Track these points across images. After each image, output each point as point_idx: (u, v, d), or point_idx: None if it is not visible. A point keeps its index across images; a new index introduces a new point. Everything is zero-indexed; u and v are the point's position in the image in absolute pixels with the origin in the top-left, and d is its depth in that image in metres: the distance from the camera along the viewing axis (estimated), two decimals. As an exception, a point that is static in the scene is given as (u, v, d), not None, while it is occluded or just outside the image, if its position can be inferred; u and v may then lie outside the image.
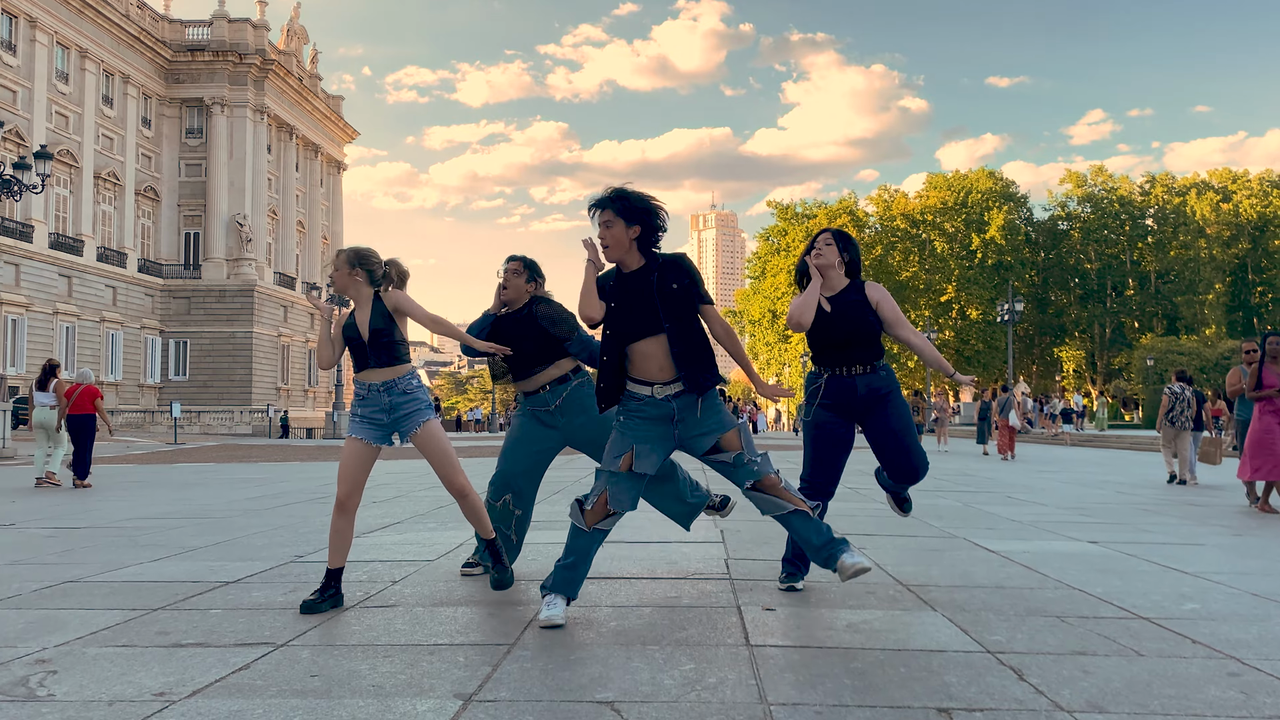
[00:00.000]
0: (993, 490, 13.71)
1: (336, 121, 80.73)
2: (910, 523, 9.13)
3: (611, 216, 4.67)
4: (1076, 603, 5.23)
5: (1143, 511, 10.79)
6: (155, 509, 10.84)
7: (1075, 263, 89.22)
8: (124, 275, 61.08)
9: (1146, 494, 13.48)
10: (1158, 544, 7.88)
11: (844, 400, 5.38)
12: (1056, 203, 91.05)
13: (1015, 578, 6.05)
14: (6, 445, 25.06)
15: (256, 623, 4.68)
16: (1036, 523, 9.37)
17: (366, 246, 5.38)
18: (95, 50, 58.52)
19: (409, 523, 9.15)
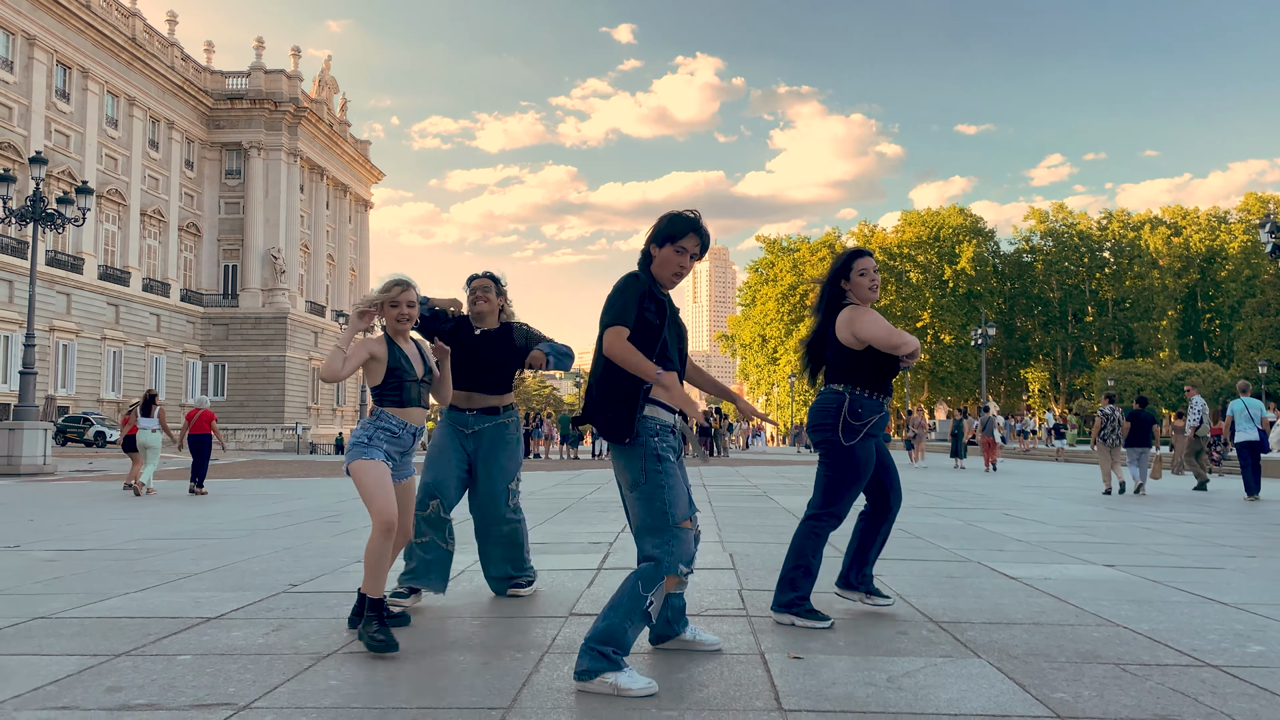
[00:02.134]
0: (987, 507, 12.78)
1: (364, 164, 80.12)
2: (919, 544, 8.22)
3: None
4: (1128, 644, 4.33)
5: (1144, 530, 9.88)
6: (168, 527, 9.93)
7: (1039, 291, 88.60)
8: (167, 304, 60.28)
9: (1139, 511, 12.56)
10: (1177, 568, 6.97)
11: (881, 428, 4.74)
12: (1021, 237, 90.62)
13: (1049, 611, 5.14)
14: (47, 461, 24.16)
15: (223, 674, 3.77)
16: (1044, 543, 8.46)
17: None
18: (143, 99, 57.93)
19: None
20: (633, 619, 3.51)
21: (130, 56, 56.25)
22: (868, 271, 4.72)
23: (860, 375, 4.63)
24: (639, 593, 3.52)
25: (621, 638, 3.48)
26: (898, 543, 8.31)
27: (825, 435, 4.66)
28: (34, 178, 25.00)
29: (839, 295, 4.79)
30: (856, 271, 4.72)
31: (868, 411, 4.62)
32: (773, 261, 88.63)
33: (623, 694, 3.34)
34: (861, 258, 4.76)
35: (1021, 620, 4.88)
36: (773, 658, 3.99)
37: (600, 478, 20.50)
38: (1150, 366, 71.35)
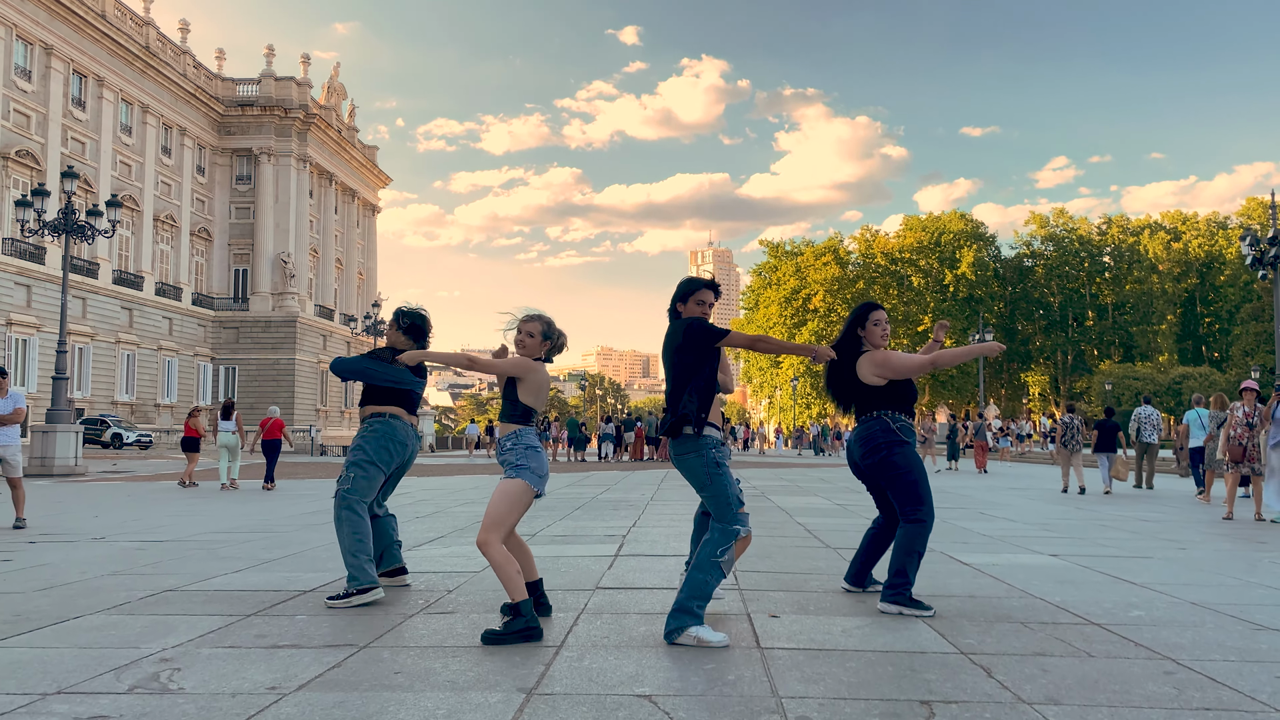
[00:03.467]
0: (967, 506, 13.98)
1: (372, 169, 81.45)
2: (893, 537, 9.41)
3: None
4: (1038, 610, 5.53)
5: (1100, 527, 11.07)
6: (227, 522, 11.15)
7: (1039, 296, 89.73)
8: (179, 308, 61.61)
9: (1103, 510, 13.74)
10: (1111, 557, 8.17)
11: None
12: (1022, 242, 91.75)
13: (986, 588, 6.35)
14: (79, 463, 25.39)
15: (338, 626, 5.00)
16: (1006, 537, 9.66)
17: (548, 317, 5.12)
18: (155, 106, 59.26)
19: (451, 537, 9.45)
20: (711, 573, 4.63)
21: (144, 65, 57.59)
22: (880, 322, 5.70)
23: (890, 403, 5.63)
24: (714, 551, 4.66)
25: (704, 588, 4.62)
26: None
27: (880, 456, 5.58)
28: (65, 191, 26.25)
29: (856, 342, 5.74)
30: (871, 322, 5.68)
31: (904, 430, 5.62)
32: (776, 265, 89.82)
33: (704, 644, 4.47)
34: (876, 310, 5.78)
35: (958, 594, 6.09)
36: (757, 618, 5.22)
37: (608, 479, 21.72)
38: (1149, 370, 72.51)
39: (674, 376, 4.90)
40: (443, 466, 30.61)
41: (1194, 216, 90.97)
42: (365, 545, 5.76)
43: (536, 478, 4.83)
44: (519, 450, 4.86)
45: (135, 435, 47.60)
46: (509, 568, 4.66)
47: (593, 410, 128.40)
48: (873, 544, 6.05)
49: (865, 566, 6.06)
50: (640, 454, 37.92)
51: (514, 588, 4.65)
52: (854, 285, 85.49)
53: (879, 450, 5.58)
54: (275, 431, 19.74)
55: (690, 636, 4.51)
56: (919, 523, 5.50)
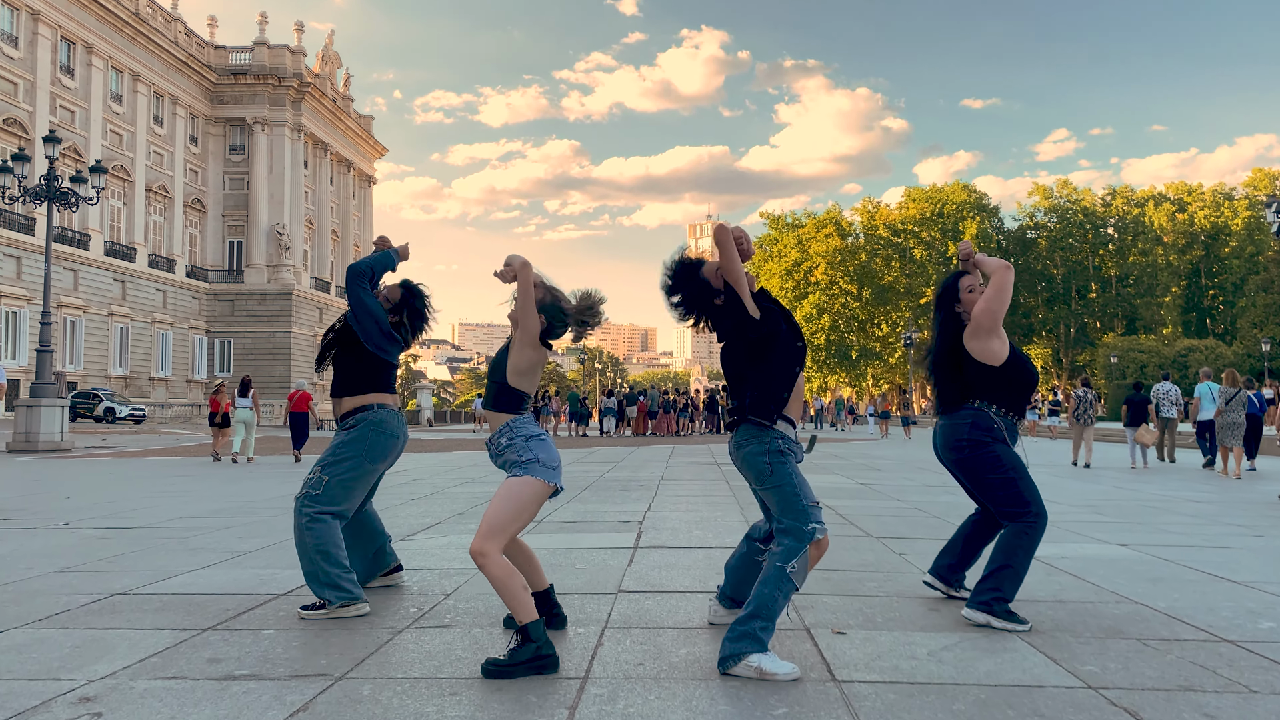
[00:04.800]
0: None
1: (367, 139, 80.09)
2: (937, 524, 8.52)
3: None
4: (1148, 621, 4.63)
5: (1151, 510, 10.19)
6: (206, 505, 10.25)
7: (1042, 268, 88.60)
8: (173, 280, 60.55)
9: (1143, 489, 12.86)
10: (1186, 546, 7.28)
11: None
12: (1025, 213, 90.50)
13: (1070, 590, 5.45)
14: (65, 438, 24.49)
15: (311, 646, 4.09)
16: (1058, 522, 8.77)
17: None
18: (146, 74, 57.91)
19: (450, 523, 8.55)
20: (782, 587, 3.75)
21: (134, 32, 56.19)
22: (974, 288, 4.87)
23: (1001, 390, 4.70)
24: (782, 566, 3.77)
25: (771, 607, 3.71)
26: (918, 521, 8.63)
27: (963, 454, 4.69)
28: (48, 156, 25.18)
29: (957, 320, 4.87)
30: (965, 289, 4.87)
31: (999, 429, 4.67)
32: (777, 238, 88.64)
33: (767, 678, 3.55)
34: (964, 277, 4.93)
35: (1045, 598, 5.18)
36: (819, 634, 4.30)
37: (613, 455, 20.83)
38: (1154, 343, 71.56)
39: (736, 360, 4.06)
40: (441, 441, 29.73)
41: (1199, 188, 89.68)
42: (339, 557, 4.79)
43: (549, 470, 3.94)
44: (519, 445, 3.97)
45: (128, 410, 46.64)
46: (512, 583, 3.75)
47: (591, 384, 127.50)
48: (972, 538, 5.10)
49: (961, 563, 5.12)
50: (643, 428, 37.06)
51: (520, 607, 3.73)
52: (856, 257, 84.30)
53: (961, 448, 4.68)
54: (302, 404, 19.67)
55: (750, 667, 3.60)
56: (1026, 524, 4.57)
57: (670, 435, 35.96)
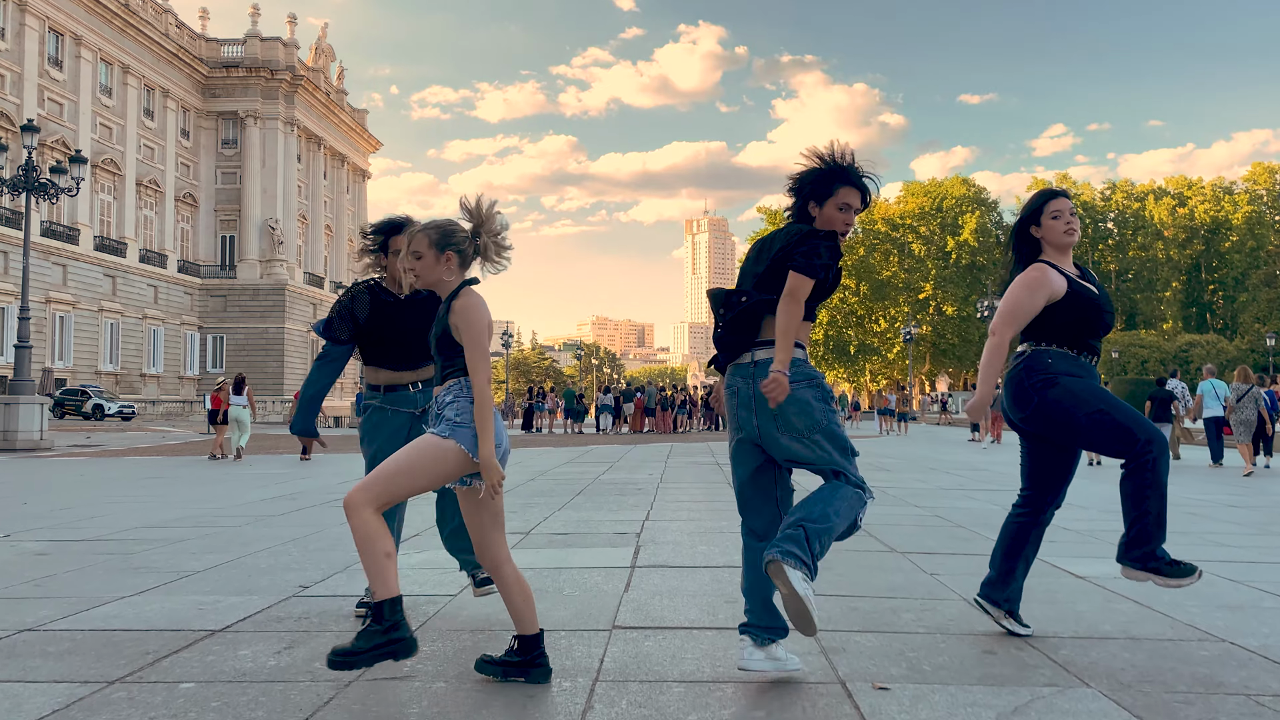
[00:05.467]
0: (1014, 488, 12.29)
1: (361, 133, 79.21)
2: (963, 534, 7.75)
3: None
4: (1247, 666, 3.85)
5: (1187, 515, 9.42)
6: (167, 513, 9.46)
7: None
8: (164, 275, 59.70)
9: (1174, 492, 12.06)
10: (1247, 563, 6.51)
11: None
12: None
13: (1140, 621, 4.67)
14: (44, 436, 23.69)
15: (232, 709, 3.29)
16: (1093, 532, 8.00)
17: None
18: (137, 66, 57.01)
19: (430, 535, 7.75)
20: (843, 511, 3.27)
21: (123, 23, 55.29)
22: (1062, 214, 4.06)
23: (1048, 331, 4.02)
24: (848, 498, 3.31)
25: (826, 526, 3.20)
26: (942, 532, 7.86)
27: (1033, 405, 3.97)
28: (26, 146, 24.33)
29: (1032, 246, 4.16)
30: (1049, 214, 4.08)
31: (1058, 363, 3.96)
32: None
33: (801, 612, 3.11)
34: (1055, 199, 4.11)
35: (1114, 634, 4.40)
36: (857, 689, 3.51)
37: (610, 455, 20.06)
38: (1154, 339, 70.91)
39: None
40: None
41: (1199, 182, 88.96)
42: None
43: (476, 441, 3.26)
44: (462, 404, 3.29)
45: (117, 406, 45.82)
46: (376, 547, 3.15)
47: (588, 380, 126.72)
48: (1013, 547, 4.29)
49: (1001, 579, 4.32)
50: (640, 426, 36.28)
51: (379, 578, 3.16)
52: (854, 252, 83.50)
53: (1028, 397, 3.97)
54: None
55: (793, 587, 3.05)
56: (1139, 460, 3.81)
57: (668, 433, 35.19)
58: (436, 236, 3.40)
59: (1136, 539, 3.82)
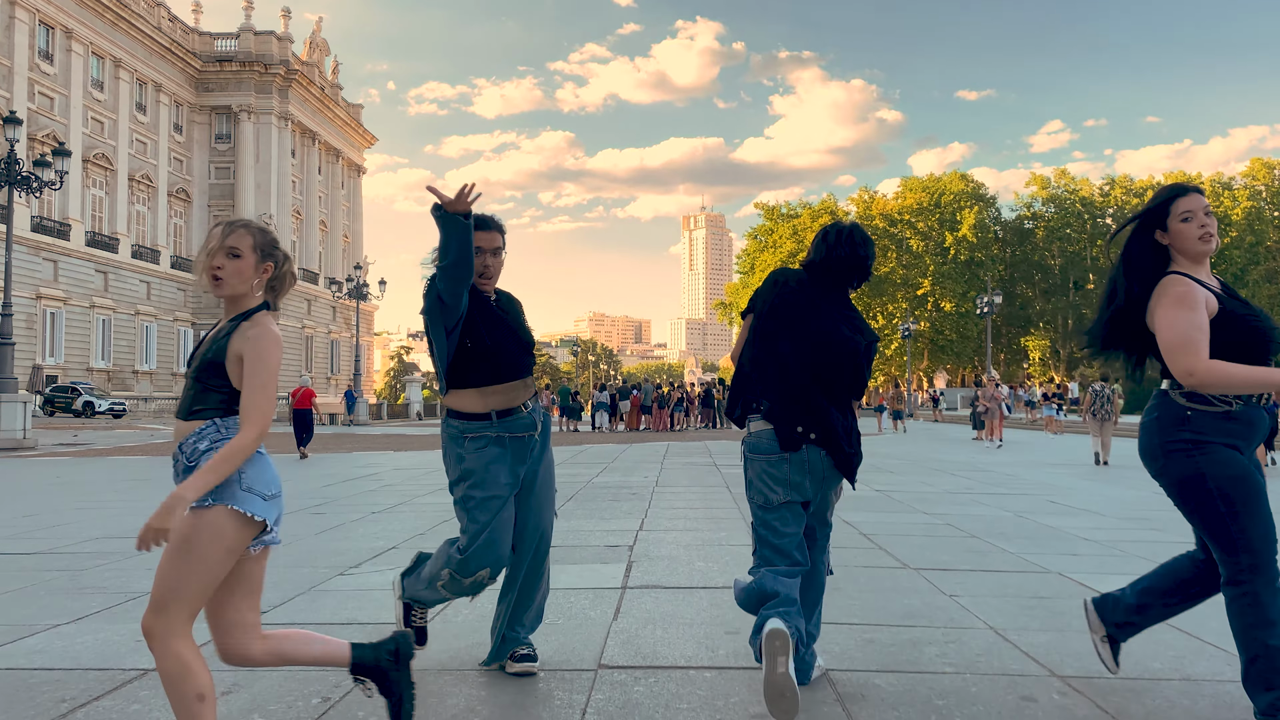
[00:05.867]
0: (1027, 492, 11.80)
1: (356, 128, 78.55)
2: (980, 546, 7.22)
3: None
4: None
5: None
6: (133, 521, 8.92)
7: (1040, 259, 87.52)
8: (157, 271, 59.05)
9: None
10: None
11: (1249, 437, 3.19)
12: (1023, 203, 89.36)
13: (1192, 658, 4.15)
14: (27, 435, 23.13)
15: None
16: (1115, 542, 7.49)
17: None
18: (129, 60, 56.33)
19: (407, 548, 7.23)
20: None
21: (115, 16, 54.59)
22: (1195, 214, 3.21)
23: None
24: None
25: None
26: (955, 544, 7.33)
27: (1158, 464, 3.22)
28: (8, 139, 23.75)
29: (1154, 253, 3.28)
30: (1179, 217, 3.22)
31: (1199, 421, 3.12)
32: (772, 229, 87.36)
33: None
34: (1184, 196, 3.24)
35: (1166, 673, 3.88)
36: (881, 752, 2.99)
37: (605, 455, 19.53)
38: (1153, 335, 70.34)
39: None
40: (425, 439, 28.40)
41: (1198, 177, 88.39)
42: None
43: (259, 501, 2.60)
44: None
45: (108, 404, 45.19)
46: (185, 686, 2.51)
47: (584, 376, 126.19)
48: (1170, 594, 3.46)
49: (1143, 610, 3.51)
50: (636, 424, 35.76)
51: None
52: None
53: (1155, 456, 3.21)
54: (305, 401, 19.52)
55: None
56: (1237, 586, 3.04)
57: (665, 431, 34.67)
58: (262, 240, 2.76)
59: (1261, 683, 3.03)
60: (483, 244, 3.79)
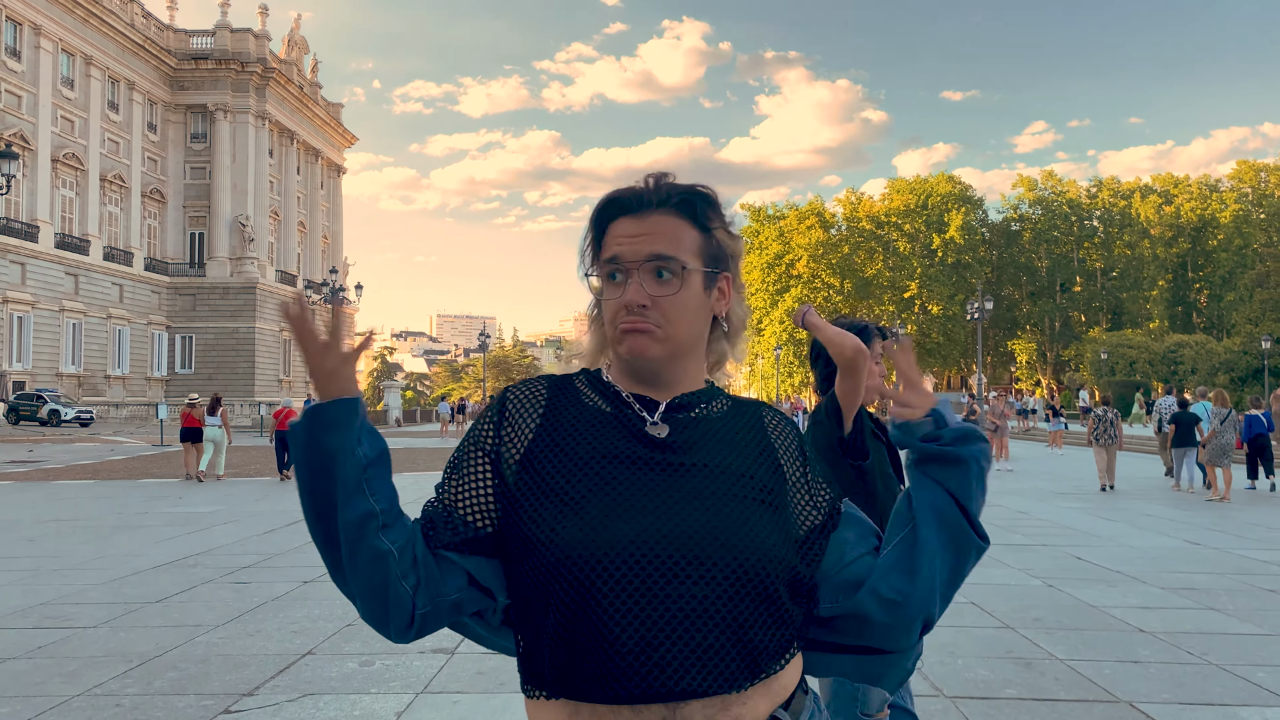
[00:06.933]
0: (1047, 541, 10.56)
1: (336, 127, 76.95)
2: (1022, 647, 5.97)
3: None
4: None
5: (1269, 592, 7.71)
6: (20, 597, 7.60)
7: (1026, 261, 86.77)
8: (130, 273, 57.42)
9: (1231, 537, 10.33)
10: None
11: None
12: (1010, 205, 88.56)
13: None
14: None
15: None
16: (1174, 636, 6.26)
17: None
18: (100, 58, 54.66)
19: (328, 651, 5.92)
20: None
21: (86, 13, 52.93)
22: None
23: None
24: None
25: None
26: (988, 643, 6.07)
27: None
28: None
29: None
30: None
31: None
32: (758, 230, 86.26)
33: None
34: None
35: None
36: None
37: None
38: (1143, 339, 69.55)
39: None
40: (400, 454, 27.04)
41: (1185, 179, 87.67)
42: None
43: None
44: None
45: (74, 412, 43.58)
46: None
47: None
48: None
49: None
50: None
51: None
52: (838, 249, 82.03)
53: None
54: (287, 422, 19.03)
55: None
56: None
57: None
58: None
59: None
60: None
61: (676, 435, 1.35)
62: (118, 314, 56.01)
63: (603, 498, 1.26)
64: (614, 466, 1.29)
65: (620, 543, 1.22)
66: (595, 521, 1.24)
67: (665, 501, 1.27)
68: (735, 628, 1.23)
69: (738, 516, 1.28)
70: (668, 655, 1.20)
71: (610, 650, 1.20)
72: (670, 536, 1.24)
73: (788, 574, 1.29)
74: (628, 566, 1.21)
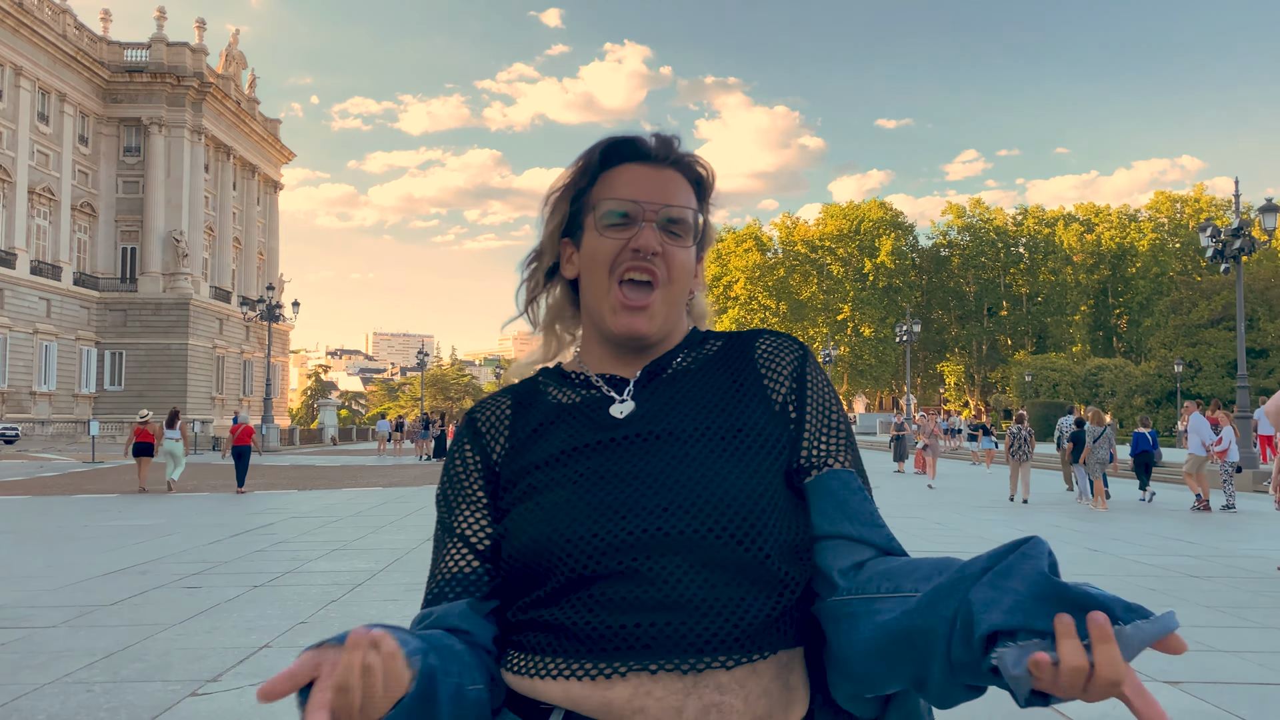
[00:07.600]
0: (968, 549, 11.25)
1: (274, 143, 76.39)
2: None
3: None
4: None
5: (1150, 591, 8.41)
6: (4, 594, 7.81)
7: (955, 285, 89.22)
8: (59, 288, 56.31)
9: (1151, 541, 11.12)
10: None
11: None
12: (939, 232, 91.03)
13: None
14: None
15: None
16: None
17: None
18: (30, 68, 53.77)
19: (284, 645, 6.29)
20: None
21: (16, 23, 52.06)
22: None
23: None
24: None
25: None
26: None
27: None
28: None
29: None
30: None
31: None
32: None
33: None
34: None
35: None
36: None
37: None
38: (1065, 362, 71.93)
39: None
40: (337, 470, 27.11)
41: (1106, 209, 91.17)
42: None
43: None
44: None
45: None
46: None
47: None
48: None
49: None
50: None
51: None
52: (774, 273, 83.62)
53: None
54: (245, 438, 20.32)
55: None
56: None
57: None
58: None
59: None
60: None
61: (642, 406, 1.23)
62: (45, 329, 54.90)
63: (566, 494, 1.15)
64: (575, 460, 1.18)
65: (576, 539, 1.11)
66: (554, 522, 1.13)
67: (624, 487, 1.14)
68: (705, 606, 1.07)
69: (700, 478, 1.13)
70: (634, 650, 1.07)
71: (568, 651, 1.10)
72: (631, 524, 1.11)
73: (764, 519, 1.11)
74: (581, 563, 1.10)
